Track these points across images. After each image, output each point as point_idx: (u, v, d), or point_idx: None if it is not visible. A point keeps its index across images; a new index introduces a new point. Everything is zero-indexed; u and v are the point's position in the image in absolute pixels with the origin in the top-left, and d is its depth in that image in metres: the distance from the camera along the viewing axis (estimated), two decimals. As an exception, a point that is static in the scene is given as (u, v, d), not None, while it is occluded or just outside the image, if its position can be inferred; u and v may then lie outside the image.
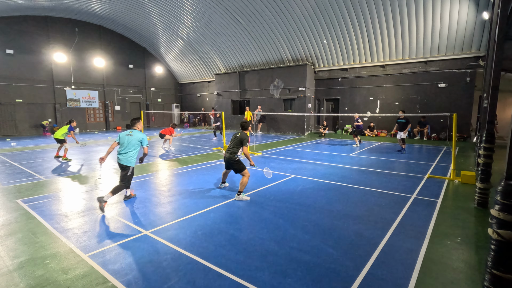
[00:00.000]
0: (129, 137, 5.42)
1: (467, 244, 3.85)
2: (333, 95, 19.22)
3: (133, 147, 5.43)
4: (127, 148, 5.39)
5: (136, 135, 5.48)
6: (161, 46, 25.19)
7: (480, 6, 12.28)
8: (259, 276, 3.09)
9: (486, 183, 5.03)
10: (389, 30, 15.04)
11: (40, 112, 20.26)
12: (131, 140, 5.42)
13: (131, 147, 5.41)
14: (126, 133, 5.46)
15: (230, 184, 6.84)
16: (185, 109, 29.22)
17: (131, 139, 5.42)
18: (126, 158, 5.36)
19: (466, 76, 14.36)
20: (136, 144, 5.47)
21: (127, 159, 5.36)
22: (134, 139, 5.44)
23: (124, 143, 5.42)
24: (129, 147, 5.40)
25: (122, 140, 5.44)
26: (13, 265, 3.36)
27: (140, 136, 5.51)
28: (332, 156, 10.52)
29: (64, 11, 20.02)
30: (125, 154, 5.37)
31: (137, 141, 5.47)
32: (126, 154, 5.37)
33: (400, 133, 11.05)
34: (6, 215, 4.91)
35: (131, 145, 5.42)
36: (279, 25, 17.62)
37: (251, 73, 21.36)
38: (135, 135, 5.47)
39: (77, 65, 21.89)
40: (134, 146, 5.44)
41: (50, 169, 8.56)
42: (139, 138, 5.49)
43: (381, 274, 3.14)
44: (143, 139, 5.52)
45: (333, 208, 5.21)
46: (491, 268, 2.34)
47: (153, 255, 3.56)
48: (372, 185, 6.66)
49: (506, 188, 2.27)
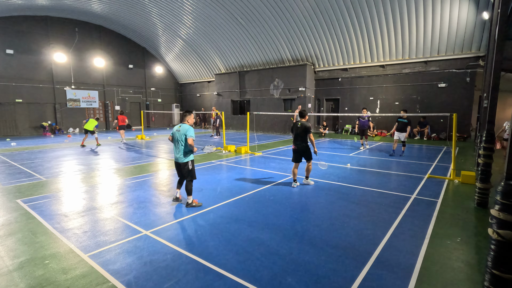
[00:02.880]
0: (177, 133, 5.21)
1: (467, 244, 3.85)
2: (333, 95, 19.23)
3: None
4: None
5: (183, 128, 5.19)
6: (161, 46, 25.19)
7: (480, 6, 12.28)
8: (259, 276, 3.09)
9: (486, 183, 5.03)
10: (389, 30, 15.04)
11: (40, 112, 20.26)
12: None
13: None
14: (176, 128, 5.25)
15: (229, 185, 6.84)
16: (185, 109, 29.19)
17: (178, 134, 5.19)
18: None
19: (466, 76, 14.37)
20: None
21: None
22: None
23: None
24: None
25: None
26: (13, 265, 3.36)
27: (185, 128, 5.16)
28: (332, 156, 10.52)
29: (64, 11, 20.02)
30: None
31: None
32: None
33: (400, 134, 10.36)
34: (6, 215, 4.91)
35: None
36: (279, 25, 17.62)
37: (251, 73, 21.36)
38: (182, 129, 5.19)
39: (77, 65, 21.90)
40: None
41: (50, 169, 8.56)
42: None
43: (381, 274, 3.14)
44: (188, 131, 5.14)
45: (333, 208, 5.21)
46: (491, 268, 2.34)
47: (153, 255, 3.56)
48: (372, 185, 6.66)
49: (506, 188, 2.27)
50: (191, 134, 5.11)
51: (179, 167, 5.31)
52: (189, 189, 5.24)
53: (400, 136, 10.42)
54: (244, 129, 21.84)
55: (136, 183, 6.94)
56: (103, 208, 5.26)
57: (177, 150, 5.21)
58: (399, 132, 10.41)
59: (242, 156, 10.57)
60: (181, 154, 5.16)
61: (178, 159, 5.24)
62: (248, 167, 8.86)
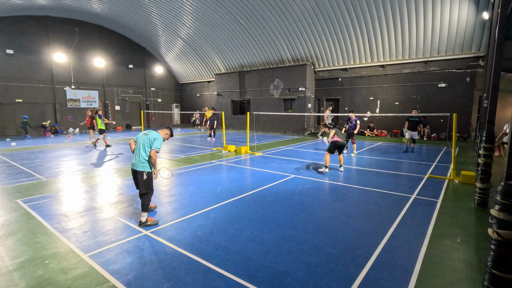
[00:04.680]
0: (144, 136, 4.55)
1: (467, 244, 3.85)
2: (333, 95, 19.22)
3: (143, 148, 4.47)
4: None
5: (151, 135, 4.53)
6: (161, 46, 25.19)
7: (480, 6, 12.28)
8: (259, 276, 3.09)
9: (486, 183, 5.03)
10: (389, 30, 15.04)
11: (40, 112, 20.26)
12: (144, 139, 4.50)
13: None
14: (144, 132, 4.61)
15: (229, 185, 6.84)
16: (185, 109, 29.22)
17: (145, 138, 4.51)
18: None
19: (466, 76, 14.37)
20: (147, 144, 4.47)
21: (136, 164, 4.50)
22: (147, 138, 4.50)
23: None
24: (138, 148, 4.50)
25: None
26: (13, 265, 3.36)
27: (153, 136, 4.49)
28: (332, 156, 10.49)
29: (64, 11, 20.02)
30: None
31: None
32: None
33: (412, 133, 10.97)
34: (6, 215, 4.91)
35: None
36: (279, 25, 17.62)
37: (251, 73, 21.36)
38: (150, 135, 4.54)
39: (77, 65, 21.89)
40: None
41: (50, 169, 8.56)
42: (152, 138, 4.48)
43: (381, 274, 3.14)
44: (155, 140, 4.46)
45: (333, 208, 5.21)
46: (491, 268, 2.34)
47: (153, 255, 3.56)
48: (372, 185, 6.66)
49: (506, 188, 2.27)
50: (157, 145, 4.37)
51: (135, 175, 4.48)
52: (145, 204, 4.43)
53: (413, 135, 11.03)
54: (244, 129, 21.84)
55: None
56: (103, 208, 5.26)
57: (136, 155, 4.42)
58: (411, 131, 10.98)
59: (242, 156, 10.57)
60: (138, 161, 4.37)
61: (134, 166, 4.43)
62: (248, 167, 8.86)
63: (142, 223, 4.41)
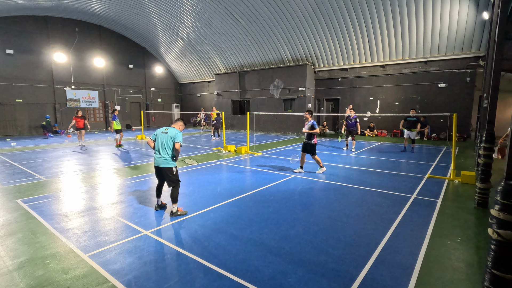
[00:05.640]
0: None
1: (467, 244, 3.85)
2: (333, 95, 19.23)
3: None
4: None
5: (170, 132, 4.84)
6: (161, 46, 25.19)
7: (480, 6, 12.29)
8: (259, 276, 3.09)
9: (486, 183, 5.03)
10: (389, 30, 15.04)
11: (40, 112, 20.25)
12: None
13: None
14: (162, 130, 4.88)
15: (229, 185, 6.84)
16: (185, 109, 29.21)
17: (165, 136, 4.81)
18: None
19: (466, 76, 14.37)
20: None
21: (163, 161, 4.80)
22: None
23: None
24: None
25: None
26: (13, 265, 3.36)
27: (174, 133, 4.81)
28: (332, 156, 10.52)
29: (64, 11, 20.02)
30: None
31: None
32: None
33: (410, 132, 10.95)
34: (6, 215, 4.91)
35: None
36: (279, 25, 17.62)
37: (251, 73, 21.37)
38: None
39: (77, 65, 21.89)
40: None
41: (50, 169, 8.56)
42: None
43: (381, 274, 3.14)
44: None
45: (333, 208, 5.21)
46: (491, 268, 2.34)
47: (153, 255, 3.56)
48: (372, 185, 6.66)
49: (506, 188, 2.27)
50: (179, 139, 4.78)
51: (160, 172, 4.83)
52: (175, 196, 4.78)
53: (410, 134, 11.03)
54: (244, 129, 21.84)
55: (136, 183, 6.94)
56: (103, 208, 5.26)
57: (160, 154, 4.73)
58: (409, 130, 10.99)
59: (242, 156, 10.57)
60: (165, 159, 4.71)
61: (160, 164, 4.74)
62: (248, 167, 8.86)
63: (173, 213, 4.78)
